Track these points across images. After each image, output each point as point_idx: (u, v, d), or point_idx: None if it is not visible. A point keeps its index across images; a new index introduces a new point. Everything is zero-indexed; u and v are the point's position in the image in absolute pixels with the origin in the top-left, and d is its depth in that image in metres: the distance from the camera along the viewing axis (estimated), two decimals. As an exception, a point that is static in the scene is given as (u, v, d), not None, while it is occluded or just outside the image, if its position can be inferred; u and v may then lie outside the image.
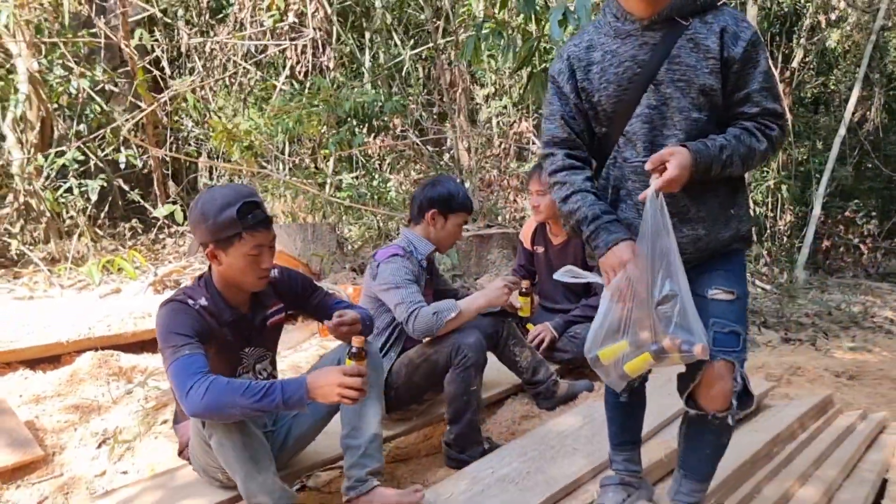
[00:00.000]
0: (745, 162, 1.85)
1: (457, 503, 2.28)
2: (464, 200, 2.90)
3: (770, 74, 1.88)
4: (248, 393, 1.91)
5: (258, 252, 2.09)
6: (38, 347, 3.74)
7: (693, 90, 1.86)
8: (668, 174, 1.73)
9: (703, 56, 1.84)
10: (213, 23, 7.97)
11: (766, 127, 1.87)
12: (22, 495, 2.85)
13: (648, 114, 1.90)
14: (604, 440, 2.66)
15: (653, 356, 1.75)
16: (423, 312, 2.64)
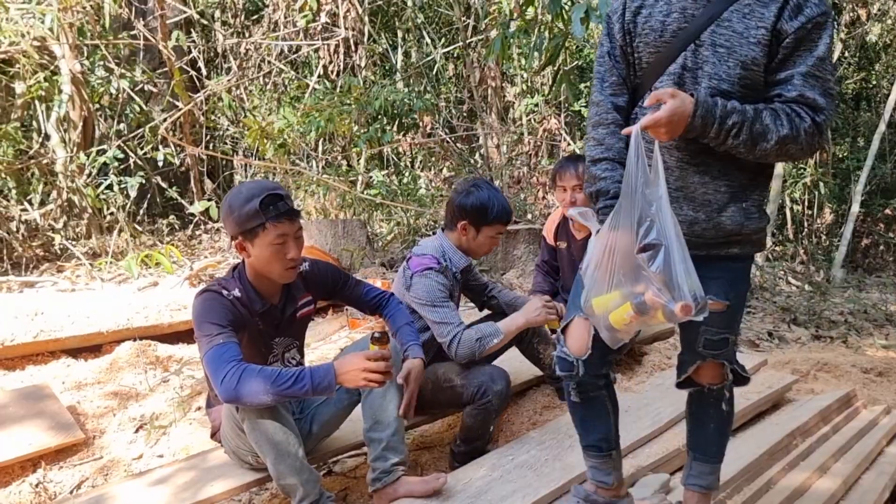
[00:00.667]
0: (755, 141, 1.65)
1: (476, 488, 2.35)
2: (498, 213, 2.77)
3: (826, 63, 1.66)
4: (280, 380, 2.00)
5: (282, 242, 2.17)
6: (79, 337, 3.90)
7: (732, 59, 1.68)
8: (658, 113, 1.56)
9: (754, 24, 1.66)
10: (248, 24, 8.14)
11: (797, 114, 1.66)
12: (64, 476, 2.99)
13: (680, 73, 1.74)
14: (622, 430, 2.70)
15: (634, 308, 1.63)
16: (466, 337, 2.62)
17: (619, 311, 1.66)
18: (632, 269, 1.63)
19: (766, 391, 3.10)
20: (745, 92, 1.70)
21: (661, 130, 1.59)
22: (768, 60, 1.68)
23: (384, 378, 2.08)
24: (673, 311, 1.56)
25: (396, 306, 2.60)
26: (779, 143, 1.65)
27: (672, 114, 1.56)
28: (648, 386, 3.15)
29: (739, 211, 1.80)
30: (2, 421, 3.05)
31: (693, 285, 1.57)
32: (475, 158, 8.16)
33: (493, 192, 2.84)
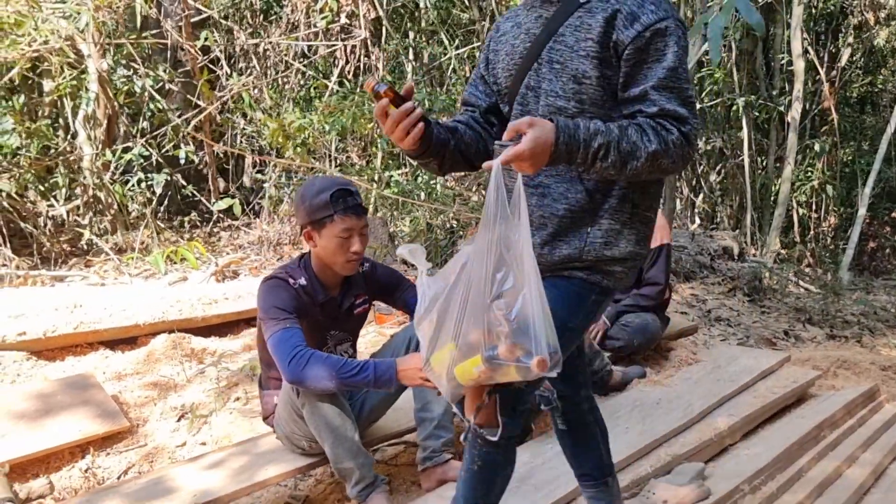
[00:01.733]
0: (624, 160, 1.53)
1: (520, 473, 2.43)
2: None
3: (678, 72, 1.58)
4: (345, 368, 2.11)
5: (348, 235, 2.27)
6: (117, 329, 3.99)
7: (566, 74, 1.62)
8: (518, 147, 1.43)
9: (583, 35, 1.59)
10: (266, 24, 8.24)
11: (663, 127, 1.56)
12: (111, 462, 3.09)
13: (524, 94, 1.70)
14: (655, 421, 2.81)
15: (485, 362, 1.45)
16: None
17: (468, 364, 1.48)
18: (482, 319, 1.45)
19: (792, 385, 3.20)
20: (582, 107, 1.63)
21: (525, 164, 1.45)
22: (604, 73, 1.59)
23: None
24: (529, 367, 1.41)
25: None
26: (649, 160, 1.55)
27: (534, 144, 1.44)
28: (677, 379, 3.25)
29: (581, 236, 1.67)
30: (51, 409, 3.15)
31: (551, 337, 1.43)
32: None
33: None
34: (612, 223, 1.67)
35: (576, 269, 1.68)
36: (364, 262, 2.54)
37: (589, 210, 1.66)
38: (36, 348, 3.76)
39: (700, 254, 6.69)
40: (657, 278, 3.48)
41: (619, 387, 3.24)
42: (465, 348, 1.48)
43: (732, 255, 7.24)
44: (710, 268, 6.56)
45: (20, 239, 5.73)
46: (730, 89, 10.53)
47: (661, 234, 3.49)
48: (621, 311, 3.48)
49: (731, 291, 6.08)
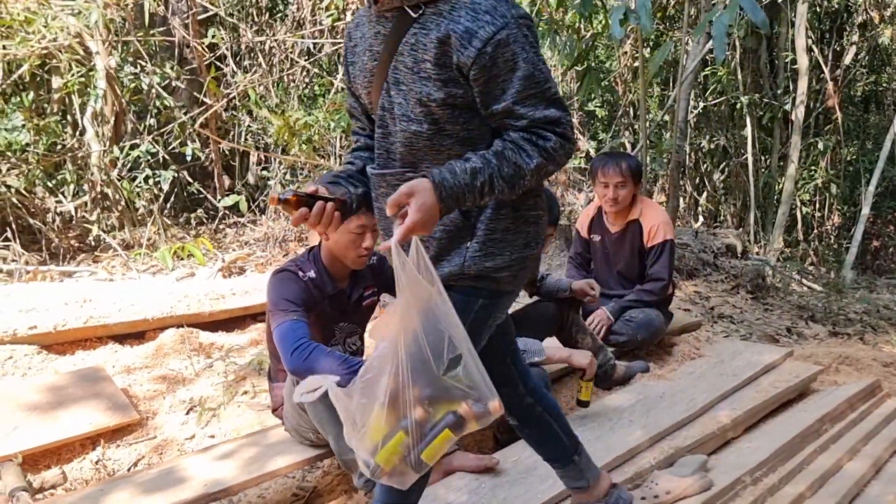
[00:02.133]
0: (512, 184, 1.51)
1: (525, 465, 2.48)
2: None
3: (534, 76, 1.52)
4: (346, 364, 2.15)
5: (361, 231, 2.32)
6: (127, 323, 4.04)
7: (411, 97, 1.55)
8: (408, 221, 1.40)
9: (420, 57, 1.52)
10: (271, 22, 8.28)
11: (539, 137, 1.53)
12: (122, 454, 3.14)
13: (382, 116, 1.64)
14: (658, 414, 2.85)
15: (452, 429, 1.46)
16: None
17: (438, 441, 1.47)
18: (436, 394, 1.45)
19: (794, 380, 3.23)
20: (437, 127, 1.57)
21: (420, 231, 1.43)
22: (452, 93, 1.53)
23: None
24: (488, 412, 1.46)
25: None
26: (535, 174, 1.53)
27: (421, 214, 1.41)
28: (680, 374, 3.28)
29: (460, 252, 1.63)
30: (63, 401, 3.20)
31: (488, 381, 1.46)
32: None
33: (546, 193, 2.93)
34: (491, 233, 1.63)
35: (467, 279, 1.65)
36: (372, 256, 2.58)
37: (465, 226, 1.63)
38: (46, 342, 3.81)
39: (703, 251, 6.71)
40: (661, 274, 3.52)
41: (623, 381, 3.27)
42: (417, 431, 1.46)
43: (736, 253, 7.26)
44: (714, 265, 6.58)
45: (29, 235, 5.78)
46: (734, 88, 10.54)
47: (665, 230, 3.53)
48: (625, 307, 3.52)
49: (734, 289, 6.10)
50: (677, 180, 6.14)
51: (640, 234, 3.56)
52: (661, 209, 3.80)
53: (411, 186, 1.43)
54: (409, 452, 1.46)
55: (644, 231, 3.55)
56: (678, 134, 5.77)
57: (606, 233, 3.69)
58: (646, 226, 3.55)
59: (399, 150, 1.63)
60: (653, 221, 3.54)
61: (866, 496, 2.38)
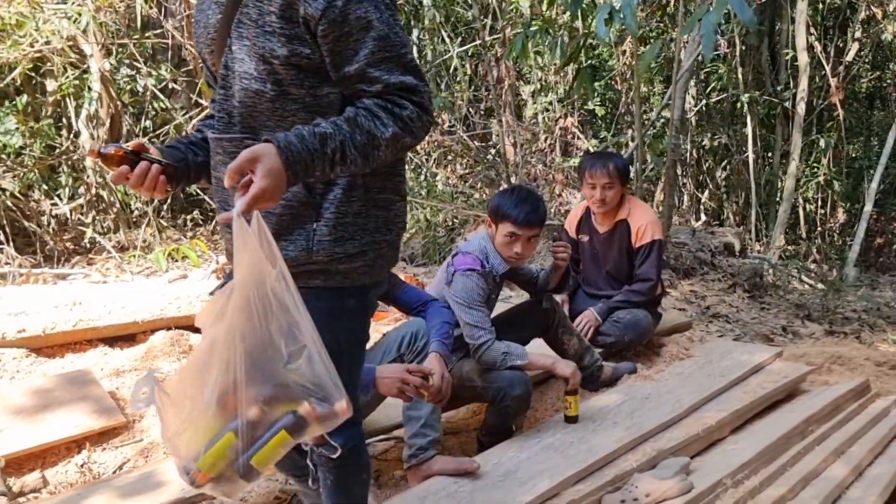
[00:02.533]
0: (366, 154, 1.39)
1: (505, 468, 2.47)
2: (509, 210, 2.74)
3: (390, 38, 1.43)
4: None
5: None
6: (116, 326, 4.04)
7: (254, 54, 1.43)
8: (253, 189, 1.26)
9: (266, 9, 1.41)
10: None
11: (395, 104, 1.43)
12: (107, 457, 3.14)
13: (225, 76, 1.50)
14: (643, 416, 2.83)
15: (290, 432, 1.29)
16: (494, 348, 2.67)
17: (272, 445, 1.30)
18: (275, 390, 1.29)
19: (782, 380, 3.21)
20: (281, 89, 1.46)
21: (266, 203, 1.29)
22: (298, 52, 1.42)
23: (416, 396, 2.20)
24: (335, 413, 1.30)
25: (438, 308, 2.65)
26: (391, 145, 1.43)
27: (267, 181, 1.27)
28: (667, 375, 3.26)
29: (306, 234, 1.51)
30: (49, 404, 3.20)
31: (338, 379, 1.32)
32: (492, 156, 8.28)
33: (522, 193, 2.85)
34: (341, 216, 1.52)
35: (312, 276, 1.52)
36: None
37: (310, 204, 1.51)
38: (35, 345, 3.81)
39: (700, 250, 6.69)
40: (649, 274, 3.49)
41: (610, 382, 3.25)
42: (249, 433, 1.29)
43: (734, 251, 7.23)
44: (711, 264, 6.56)
45: (24, 238, 5.80)
46: (735, 85, 10.50)
47: (653, 229, 3.51)
48: (613, 308, 3.50)
49: (730, 288, 6.08)
50: (674, 179, 6.11)
51: (628, 234, 3.54)
52: (649, 209, 3.78)
53: (254, 151, 1.28)
54: (237, 457, 1.28)
55: (632, 231, 3.53)
56: (674, 132, 5.74)
57: (595, 233, 3.67)
58: (634, 226, 3.53)
59: (239, 113, 1.50)
60: (641, 221, 3.52)
61: (847, 499, 2.36)
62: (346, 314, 1.59)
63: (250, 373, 1.27)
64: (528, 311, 3.15)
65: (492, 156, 8.22)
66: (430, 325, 2.56)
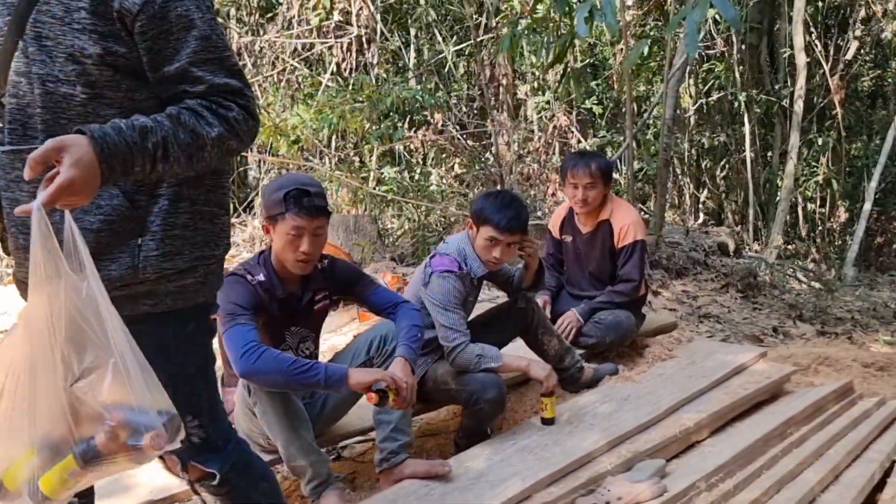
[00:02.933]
0: (189, 154, 1.31)
1: (477, 470, 2.44)
2: (492, 214, 2.72)
3: (213, 39, 1.37)
4: (295, 366, 2.11)
5: (297, 234, 2.27)
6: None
7: (60, 54, 1.32)
8: (59, 181, 1.12)
9: (74, 5, 1.31)
10: (262, 22, 8.28)
11: (220, 105, 1.36)
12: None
13: (16, 83, 1.36)
14: (621, 417, 2.80)
15: (79, 461, 1.13)
16: (468, 351, 2.65)
17: (57, 470, 1.14)
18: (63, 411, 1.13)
19: (765, 381, 3.18)
20: (94, 92, 1.34)
21: (77, 197, 1.16)
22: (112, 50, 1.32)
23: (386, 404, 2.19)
24: (141, 448, 1.13)
25: (408, 310, 2.62)
26: (216, 146, 1.34)
27: (77, 170, 1.14)
28: (649, 376, 3.23)
29: (131, 251, 1.39)
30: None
31: (161, 402, 1.17)
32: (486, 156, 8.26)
33: (506, 198, 2.83)
34: (169, 227, 1.42)
35: (138, 301, 1.41)
36: (323, 259, 2.54)
37: (133, 217, 1.39)
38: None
39: (694, 250, 6.66)
40: (631, 275, 3.46)
41: (591, 384, 3.22)
42: (48, 452, 1.14)
43: (728, 251, 7.19)
44: (704, 264, 6.53)
45: None
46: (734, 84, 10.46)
47: (635, 230, 3.47)
48: (595, 308, 3.47)
49: (723, 288, 6.05)
50: (666, 178, 6.08)
51: (610, 234, 3.51)
52: (632, 209, 3.75)
53: (61, 140, 1.15)
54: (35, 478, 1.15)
55: (615, 232, 3.50)
56: (666, 131, 5.71)
57: (578, 233, 3.64)
58: (616, 226, 3.50)
59: (42, 121, 1.35)
60: (623, 222, 3.49)
61: (821, 502, 2.33)
62: (187, 339, 1.50)
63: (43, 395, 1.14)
64: (505, 312, 3.13)
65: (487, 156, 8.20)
66: (399, 328, 2.52)
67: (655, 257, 5.87)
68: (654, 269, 5.82)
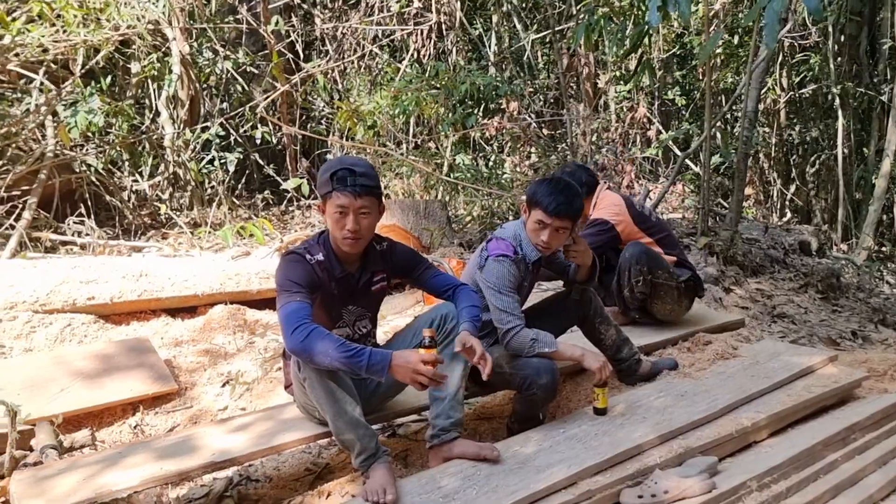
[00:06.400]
0: None
1: (525, 455, 2.47)
2: (542, 199, 2.73)
3: None
4: (342, 347, 2.19)
5: (341, 212, 2.35)
6: (177, 298, 4.26)
7: None
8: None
9: None
10: (345, 8, 8.43)
11: None
12: (159, 420, 3.32)
13: None
14: (675, 412, 2.77)
15: None
16: (523, 334, 2.68)
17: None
18: None
19: (832, 385, 3.06)
20: None
21: None
22: None
23: (429, 384, 2.24)
24: None
25: (467, 292, 2.67)
26: None
27: None
28: (709, 373, 3.17)
29: None
30: (109, 368, 3.41)
31: None
32: (562, 145, 8.18)
33: (560, 184, 2.82)
34: None
35: None
36: (382, 242, 2.61)
37: None
38: (103, 312, 4.07)
39: (773, 247, 6.42)
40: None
41: (649, 377, 3.19)
42: None
43: (810, 250, 6.91)
44: (783, 262, 6.29)
45: (105, 211, 6.15)
46: (829, 76, 9.98)
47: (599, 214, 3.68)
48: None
49: (802, 288, 5.81)
50: (744, 172, 5.88)
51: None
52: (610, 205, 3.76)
53: None
54: None
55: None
56: (746, 124, 5.52)
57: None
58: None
59: None
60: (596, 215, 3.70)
61: (878, 511, 2.25)
62: None
63: None
64: (562, 300, 3.13)
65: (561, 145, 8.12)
66: (460, 307, 2.57)
67: (730, 254, 5.70)
68: (727, 265, 5.65)
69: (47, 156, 5.69)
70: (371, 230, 2.47)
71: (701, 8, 7.46)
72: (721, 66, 10.30)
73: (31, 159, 5.62)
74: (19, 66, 5.67)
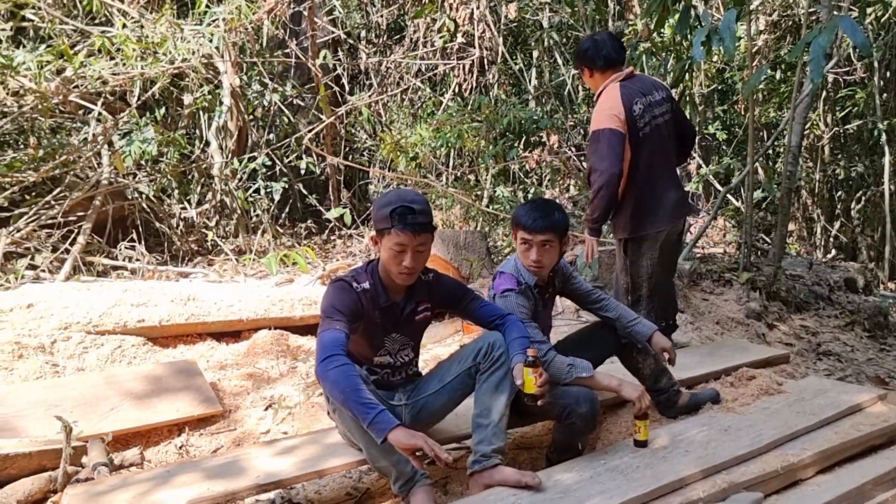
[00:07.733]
0: None
1: (565, 485, 2.47)
2: (521, 217, 2.77)
3: None
4: (356, 395, 2.21)
5: (401, 250, 2.41)
6: (223, 322, 4.35)
7: None
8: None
9: None
10: (390, 43, 8.64)
11: None
12: (203, 442, 3.39)
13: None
14: (719, 447, 2.74)
15: None
16: (559, 360, 2.70)
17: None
18: None
19: (881, 424, 3.00)
20: None
21: None
22: None
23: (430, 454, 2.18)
24: None
25: (514, 322, 2.67)
26: None
27: None
28: (753, 408, 3.13)
29: None
30: (159, 389, 3.50)
31: None
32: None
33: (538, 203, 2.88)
34: None
35: None
36: (428, 273, 2.66)
37: None
38: (152, 335, 4.18)
39: (818, 284, 6.32)
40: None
41: (689, 409, 3.16)
42: None
43: (856, 287, 6.78)
44: (828, 299, 6.18)
45: (155, 238, 6.34)
46: (874, 112, 9.86)
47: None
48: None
49: (848, 326, 5.71)
50: (788, 208, 5.83)
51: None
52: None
53: None
54: None
55: None
56: (790, 159, 5.49)
57: None
58: None
59: None
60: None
61: (930, 553, 2.19)
62: None
63: None
64: (597, 332, 3.14)
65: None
66: (509, 338, 2.59)
67: (773, 289, 5.63)
68: (770, 301, 5.58)
69: (102, 183, 5.92)
70: (423, 264, 2.52)
71: (743, 44, 7.48)
72: (763, 100, 10.25)
73: (86, 186, 5.84)
74: (79, 96, 5.93)
